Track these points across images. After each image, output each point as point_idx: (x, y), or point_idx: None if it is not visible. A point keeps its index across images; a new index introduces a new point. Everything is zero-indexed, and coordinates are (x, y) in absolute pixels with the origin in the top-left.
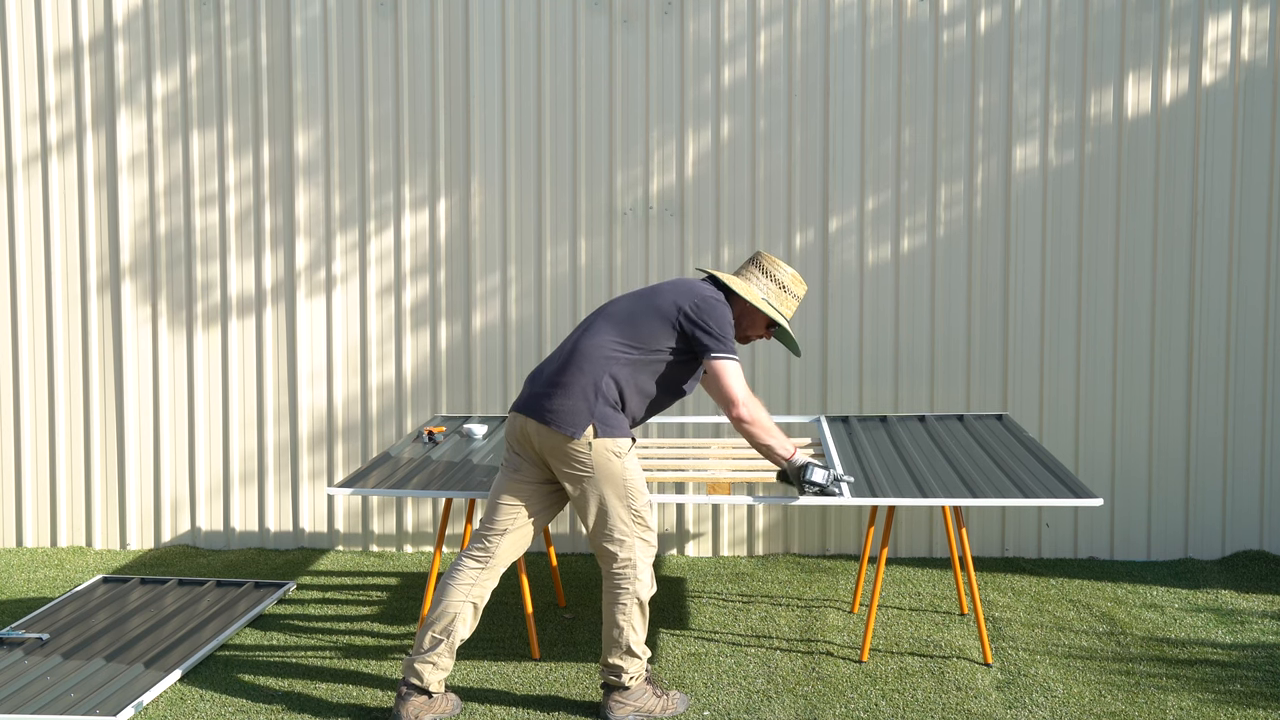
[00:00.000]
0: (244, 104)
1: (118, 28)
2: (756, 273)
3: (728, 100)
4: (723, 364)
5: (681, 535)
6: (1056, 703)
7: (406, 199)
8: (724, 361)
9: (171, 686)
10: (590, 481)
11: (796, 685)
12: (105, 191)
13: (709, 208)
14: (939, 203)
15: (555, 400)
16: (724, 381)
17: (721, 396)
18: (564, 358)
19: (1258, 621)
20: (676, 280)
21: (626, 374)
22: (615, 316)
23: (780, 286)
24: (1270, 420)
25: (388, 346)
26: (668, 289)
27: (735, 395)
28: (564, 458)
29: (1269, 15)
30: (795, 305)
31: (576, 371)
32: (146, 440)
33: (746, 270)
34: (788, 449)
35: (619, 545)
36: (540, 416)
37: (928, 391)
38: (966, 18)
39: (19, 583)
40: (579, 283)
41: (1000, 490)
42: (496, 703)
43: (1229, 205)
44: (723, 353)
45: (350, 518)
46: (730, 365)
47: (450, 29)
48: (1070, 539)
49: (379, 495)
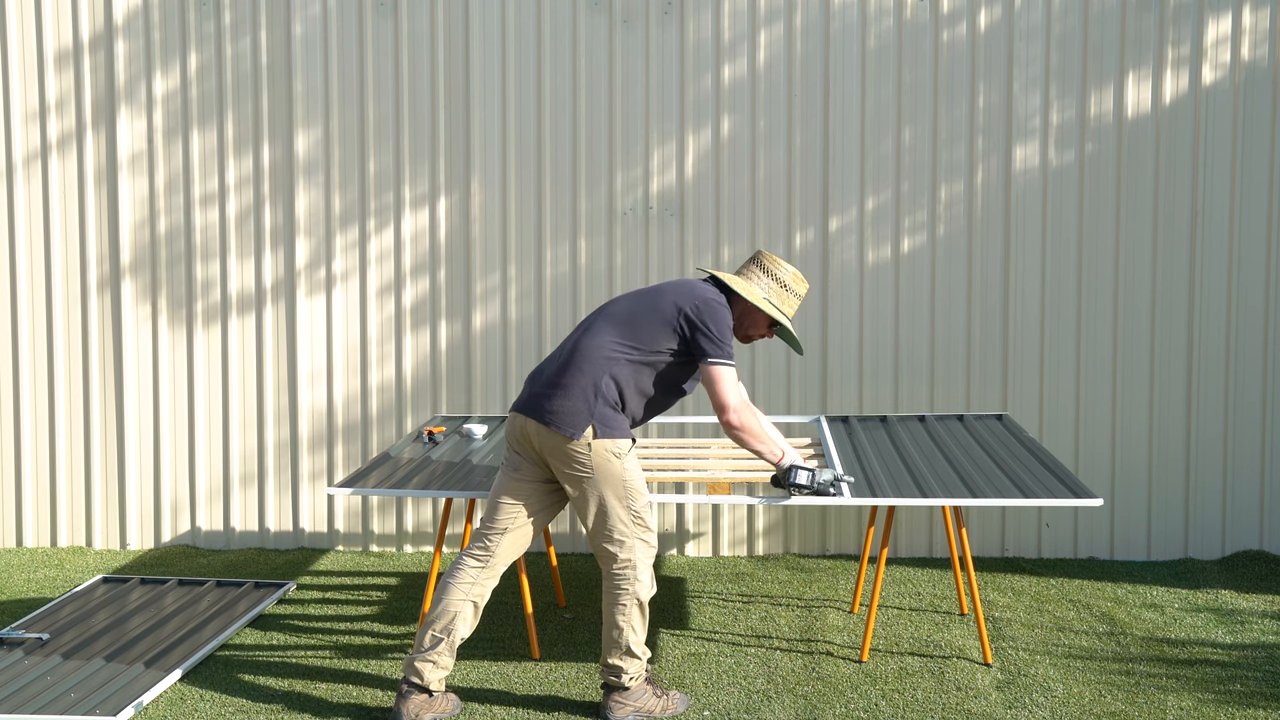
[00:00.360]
0: (244, 103)
1: (118, 26)
2: (758, 272)
3: (728, 100)
4: (718, 369)
5: (681, 535)
6: (1056, 703)
7: (406, 198)
8: (719, 367)
9: (171, 686)
10: (590, 482)
11: (796, 685)
12: (105, 190)
13: (709, 208)
14: (939, 203)
15: (555, 401)
16: (718, 387)
17: (714, 401)
18: (564, 358)
19: (1258, 621)
20: (678, 281)
21: (627, 374)
22: (616, 317)
23: (782, 285)
24: (1270, 420)
25: (388, 346)
26: (669, 289)
27: (727, 401)
28: (564, 458)
29: (1269, 15)
30: (797, 303)
31: (576, 372)
32: (146, 440)
33: (747, 269)
34: (776, 453)
35: (619, 546)
36: (540, 417)
37: (928, 391)
38: (966, 17)
39: (19, 583)
40: (579, 283)
41: (1000, 490)
42: (496, 703)
43: (1229, 205)
44: (719, 358)
45: (350, 518)
46: (725, 371)
47: (450, 29)
48: (1070, 539)
49: (379, 495)
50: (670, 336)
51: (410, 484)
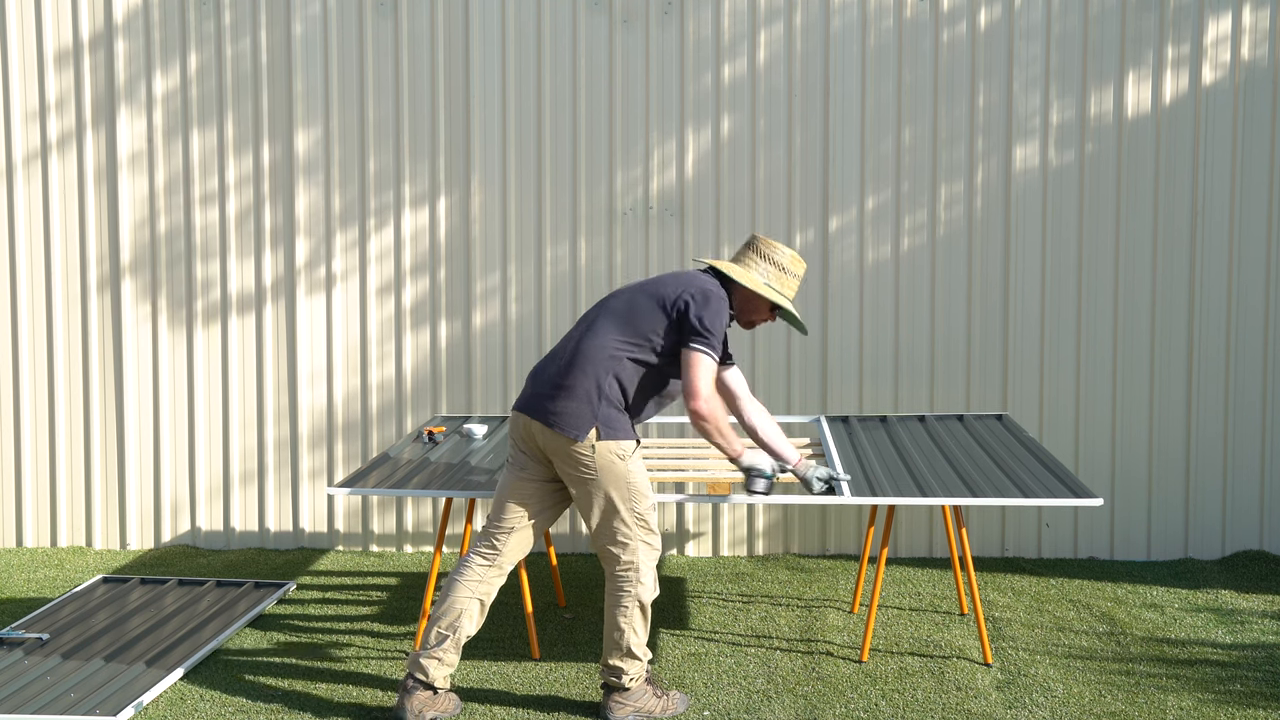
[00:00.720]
0: (244, 103)
1: (118, 26)
2: (754, 257)
3: (728, 100)
4: (699, 356)
5: (681, 535)
6: (1056, 703)
7: (406, 198)
8: (699, 354)
9: (171, 686)
10: (594, 484)
11: (796, 685)
12: (105, 190)
13: (709, 208)
14: (939, 202)
15: (559, 402)
16: (693, 372)
17: (686, 386)
18: (568, 357)
19: (1258, 621)
20: (678, 272)
21: (630, 372)
22: (617, 312)
23: (780, 268)
24: (1270, 420)
25: (388, 346)
26: (669, 280)
27: (699, 388)
28: (568, 459)
29: (1269, 15)
30: (796, 284)
31: (580, 373)
32: (146, 440)
33: (744, 256)
34: (736, 449)
35: (622, 548)
36: (544, 418)
37: (928, 391)
38: (966, 17)
39: (19, 583)
40: (579, 282)
41: (1000, 490)
42: (496, 703)
43: (1229, 205)
44: (702, 346)
45: (350, 518)
46: (705, 359)
47: (450, 29)
48: (1070, 539)
49: (379, 495)
50: (667, 325)
51: (410, 484)
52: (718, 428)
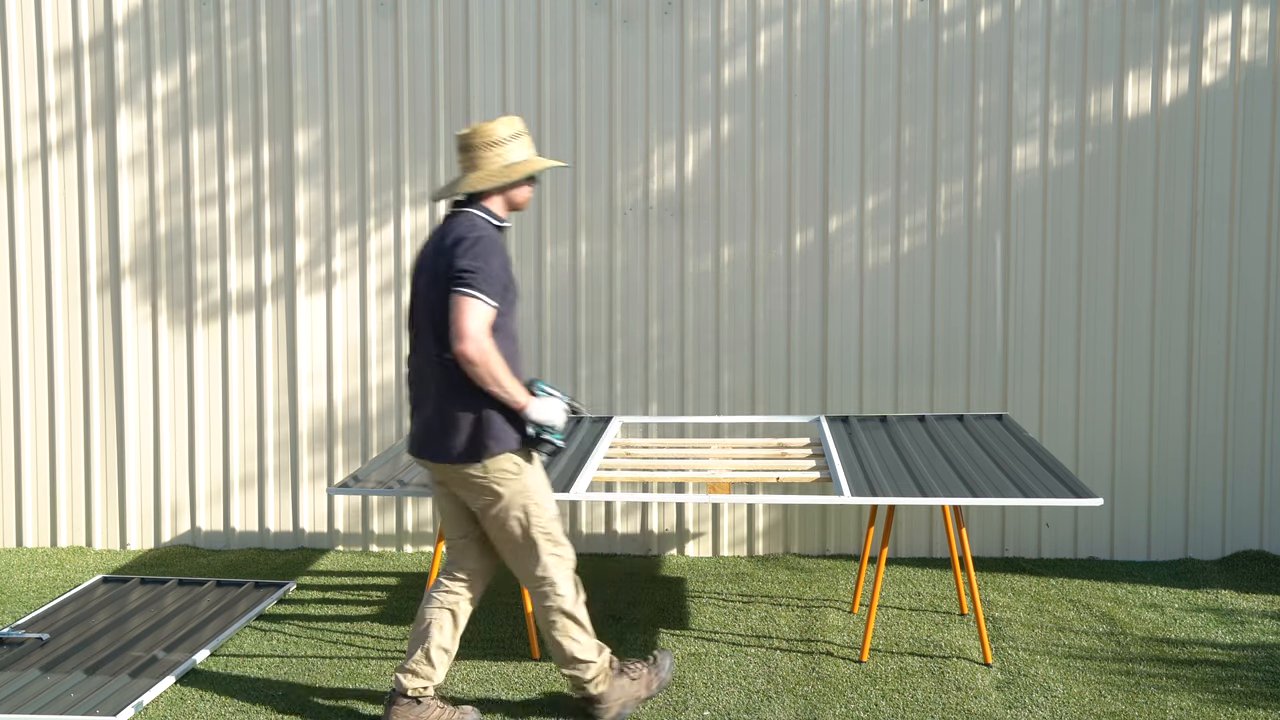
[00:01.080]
0: (244, 103)
1: (118, 27)
2: (478, 154)
3: (728, 100)
4: (465, 299)
5: (681, 535)
6: (1056, 703)
7: (406, 197)
8: (466, 297)
9: (171, 686)
10: (498, 506)
11: (796, 685)
12: (105, 191)
13: (709, 208)
14: (939, 202)
15: (436, 437)
16: (458, 313)
17: (451, 329)
18: (422, 390)
19: (1258, 621)
20: (442, 228)
21: (468, 380)
22: (431, 319)
23: (499, 143)
24: (1270, 419)
25: (387, 345)
26: (444, 252)
27: (464, 328)
28: (466, 487)
29: (1269, 15)
30: (527, 141)
31: (439, 403)
32: (146, 440)
33: (466, 159)
34: (520, 400)
35: (533, 564)
36: (431, 456)
37: (928, 391)
38: (966, 17)
39: (19, 583)
40: (579, 283)
41: (1000, 490)
42: (496, 703)
43: (1229, 205)
44: (467, 288)
45: (350, 518)
46: (473, 303)
47: (450, 29)
48: (1070, 539)
49: (379, 495)
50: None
51: (410, 484)
52: (490, 373)
